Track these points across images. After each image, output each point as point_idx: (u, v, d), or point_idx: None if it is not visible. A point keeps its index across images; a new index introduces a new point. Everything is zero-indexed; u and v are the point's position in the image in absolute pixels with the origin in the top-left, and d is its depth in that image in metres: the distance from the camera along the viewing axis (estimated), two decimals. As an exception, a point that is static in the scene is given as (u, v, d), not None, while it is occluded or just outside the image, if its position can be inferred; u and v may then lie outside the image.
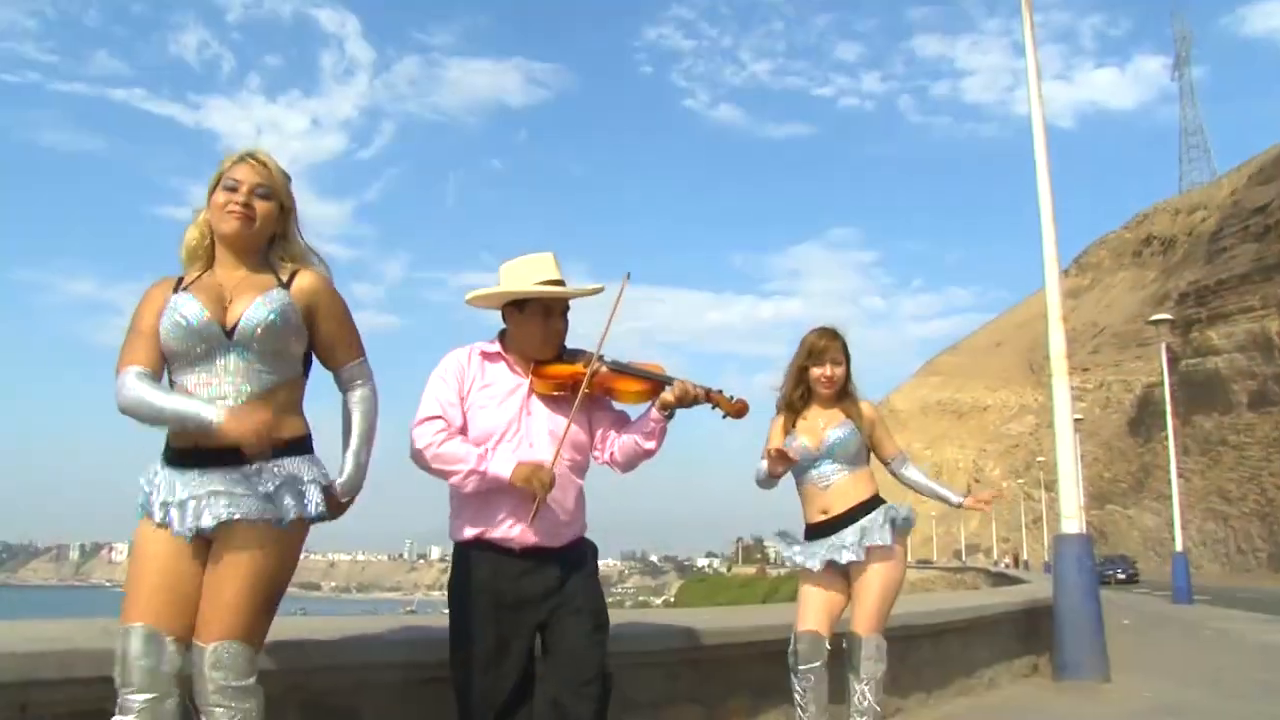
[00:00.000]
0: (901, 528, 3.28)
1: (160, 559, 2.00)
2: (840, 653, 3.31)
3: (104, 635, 2.26)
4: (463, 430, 2.53)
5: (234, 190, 2.12)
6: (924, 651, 5.12)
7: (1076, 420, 7.29)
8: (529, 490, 2.41)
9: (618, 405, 2.70)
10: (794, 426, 3.35)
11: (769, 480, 3.30)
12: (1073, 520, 6.63)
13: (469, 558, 2.51)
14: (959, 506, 3.57)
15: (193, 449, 2.02)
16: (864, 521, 3.27)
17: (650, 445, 2.60)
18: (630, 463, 2.64)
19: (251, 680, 1.97)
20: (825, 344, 3.33)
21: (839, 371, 3.33)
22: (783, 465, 3.23)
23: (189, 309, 2.04)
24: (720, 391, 2.62)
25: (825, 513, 3.31)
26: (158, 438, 2.09)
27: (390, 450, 2.30)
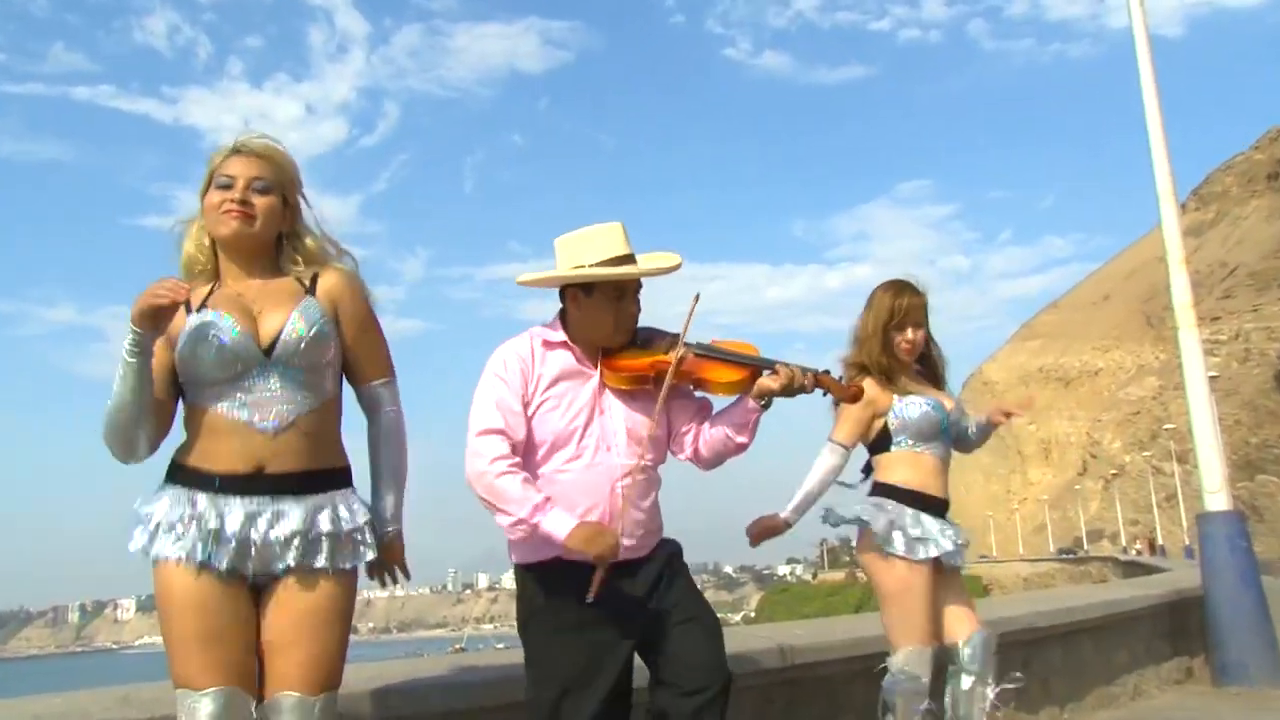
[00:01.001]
0: None
1: (216, 610, 1.95)
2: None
3: (122, 704, 2.28)
4: (528, 438, 2.44)
5: (228, 188, 2.09)
6: (1052, 658, 4.98)
7: (1211, 378, 7.01)
8: (590, 552, 2.25)
9: (705, 396, 2.63)
10: (895, 389, 3.26)
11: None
12: (1218, 495, 6.38)
13: (544, 578, 2.43)
14: (990, 424, 3.42)
15: (256, 473, 2.00)
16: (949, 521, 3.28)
17: (744, 440, 2.53)
18: (717, 460, 2.58)
19: None
20: (909, 302, 3.26)
21: (921, 335, 3.29)
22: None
23: (219, 325, 2.01)
24: (827, 372, 2.55)
25: (942, 493, 3.27)
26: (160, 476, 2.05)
27: (424, 469, 2.30)
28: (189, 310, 2.06)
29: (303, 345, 2.04)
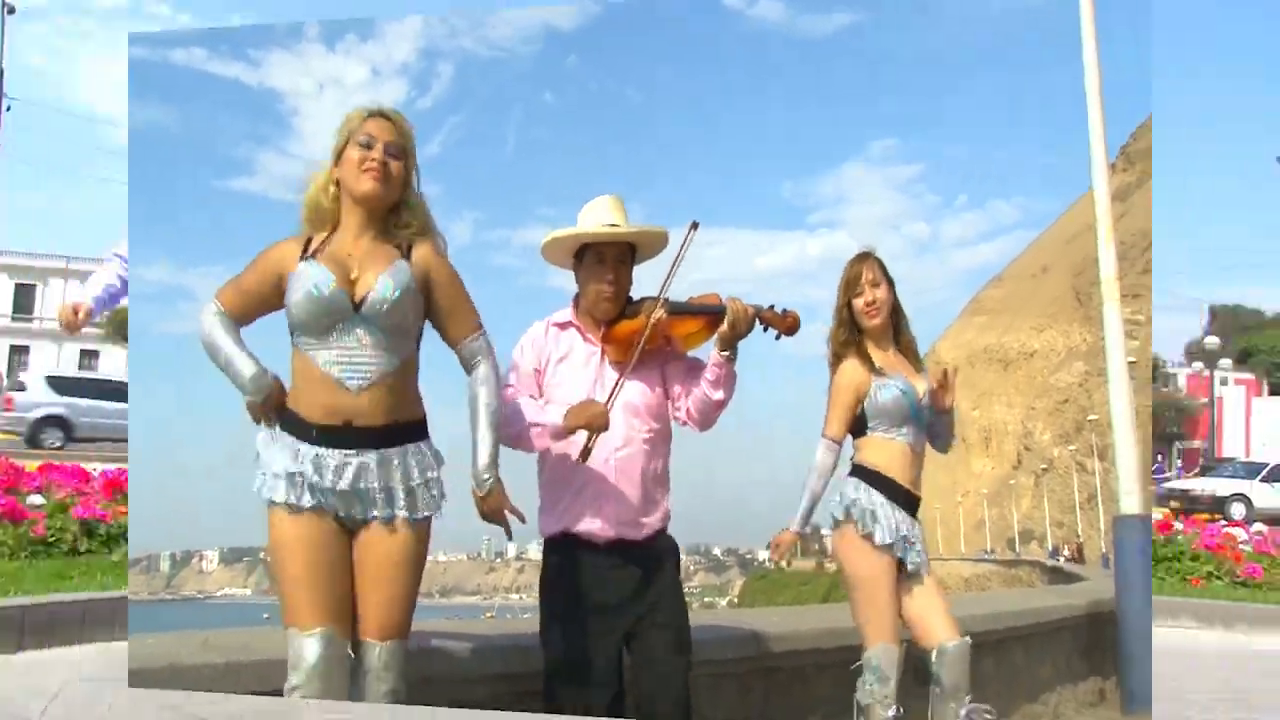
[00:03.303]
0: None
1: (320, 550, 2.18)
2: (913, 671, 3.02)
3: (203, 650, 2.48)
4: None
5: (369, 147, 2.25)
6: (985, 667, 4.18)
7: (1130, 364, 6.41)
8: (580, 420, 2.54)
9: (691, 353, 2.74)
10: (874, 370, 3.10)
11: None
12: (1134, 497, 5.59)
13: (558, 554, 2.65)
14: (937, 394, 3.25)
15: (345, 425, 2.20)
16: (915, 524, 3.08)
17: (719, 395, 2.61)
18: (705, 418, 2.68)
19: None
20: (855, 268, 3.17)
21: (879, 292, 3.10)
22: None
23: (319, 277, 2.19)
24: (771, 308, 2.66)
25: (914, 488, 3.08)
26: (246, 438, 2.27)
27: (459, 435, 2.34)
28: (303, 255, 2.24)
29: (385, 306, 2.21)
